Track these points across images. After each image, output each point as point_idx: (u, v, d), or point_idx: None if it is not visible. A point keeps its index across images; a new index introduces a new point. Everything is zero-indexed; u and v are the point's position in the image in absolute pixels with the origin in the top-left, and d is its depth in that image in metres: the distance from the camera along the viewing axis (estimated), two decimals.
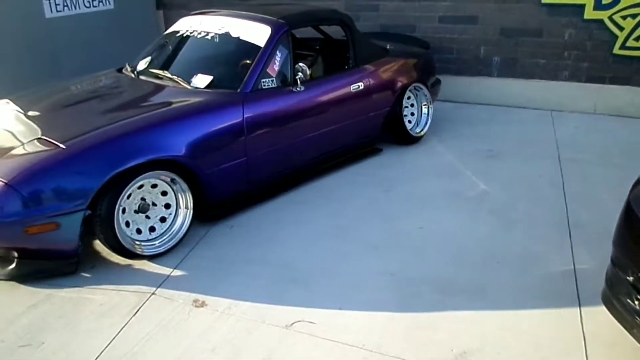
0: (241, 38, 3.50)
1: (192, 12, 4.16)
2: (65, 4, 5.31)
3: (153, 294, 2.60)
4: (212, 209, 3.20)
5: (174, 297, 2.57)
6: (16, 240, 2.56)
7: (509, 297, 2.56)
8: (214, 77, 3.31)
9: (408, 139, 4.39)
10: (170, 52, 3.77)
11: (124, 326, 2.38)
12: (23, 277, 2.70)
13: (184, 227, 2.97)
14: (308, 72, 3.40)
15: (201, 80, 3.31)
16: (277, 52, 3.43)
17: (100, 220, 2.65)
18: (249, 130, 3.18)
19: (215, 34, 3.61)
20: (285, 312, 2.44)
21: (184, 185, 2.93)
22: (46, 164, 2.57)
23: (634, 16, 4.77)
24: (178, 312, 2.47)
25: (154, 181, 2.86)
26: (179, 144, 2.86)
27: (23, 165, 2.58)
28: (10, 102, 3.40)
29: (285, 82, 3.47)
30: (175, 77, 3.39)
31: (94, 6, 5.64)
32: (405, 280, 2.68)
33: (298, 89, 3.44)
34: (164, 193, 2.94)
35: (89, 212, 2.62)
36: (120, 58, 5.80)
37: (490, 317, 2.43)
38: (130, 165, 2.67)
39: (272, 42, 3.41)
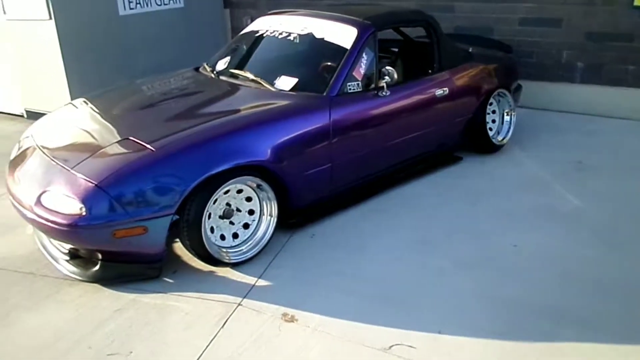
0: (326, 39, 3.37)
1: (269, 12, 4.06)
2: (137, 1, 5.33)
3: (239, 304, 2.49)
4: (293, 216, 3.08)
5: (261, 309, 2.46)
6: (103, 243, 2.51)
7: (623, 330, 2.31)
8: (298, 79, 3.19)
9: (489, 148, 4.15)
10: (250, 52, 3.68)
11: (213, 339, 2.28)
12: (106, 280, 2.65)
13: (267, 234, 2.86)
14: (395, 76, 3.22)
15: (286, 83, 3.20)
16: (363, 55, 3.28)
17: (187, 226, 2.57)
18: (335, 135, 3.04)
19: (298, 34, 3.49)
20: (381, 332, 2.29)
21: (270, 192, 2.82)
22: (136, 166, 2.50)
23: None
24: (268, 326, 2.35)
25: (239, 186, 2.75)
26: (267, 148, 2.75)
27: (112, 166, 2.52)
28: (89, 101, 3.38)
29: (369, 85, 3.31)
30: (258, 79, 3.28)
31: (164, 4, 5.64)
32: (507, 304, 2.47)
33: (384, 93, 3.28)
34: (248, 199, 2.84)
35: (176, 216, 2.54)
36: (190, 56, 5.85)
37: (605, 351, 2.20)
38: (220, 169, 2.57)
39: (358, 44, 3.26)
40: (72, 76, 4.83)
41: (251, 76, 3.32)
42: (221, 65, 3.64)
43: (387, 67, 3.25)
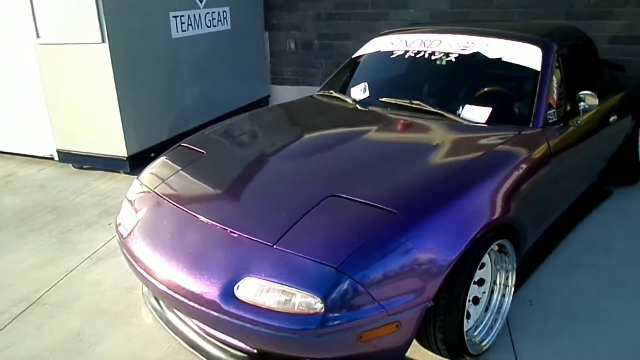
0: (505, 60, 2.78)
1: (386, 32, 3.42)
2: (189, 23, 4.59)
3: None
4: None
5: None
6: (341, 350, 1.78)
7: None
8: (492, 109, 2.59)
9: (633, 178, 3.71)
10: (398, 77, 3.05)
11: None
12: None
13: (505, 303, 2.22)
14: (596, 102, 2.68)
15: (478, 114, 2.59)
16: (553, 78, 2.73)
17: (444, 313, 1.88)
18: (552, 173, 2.47)
19: (459, 54, 2.89)
20: None
21: (512, 256, 2.18)
22: (381, 236, 1.80)
23: None
24: None
25: None
26: (510, 200, 2.12)
27: (346, 239, 1.80)
28: (211, 144, 2.67)
29: (560, 113, 2.76)
30: (437, 109, 2.65)
31: (214, 26, 4.92)
32: None
33: (580, 122, 2.73)
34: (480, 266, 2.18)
35: (431, 303, 1.85)
36: (237, 78, 5.22)
37: None
38: (476, 232, 1.91)
39: (548, 65, 2.71)
40: (125, 108, 4.00)
41: (427, 107, 2.68)
42: (358, 93, 2.99)
43: (584, 92, 2.70)
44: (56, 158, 4.39)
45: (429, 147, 2.33)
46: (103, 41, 3.80)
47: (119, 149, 4.10)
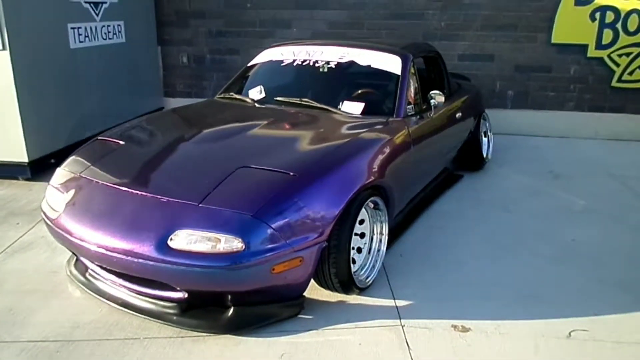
0: (373, 66, 3.48)
1: (275, 44, 4.01)
2: (86, 34, 4.80)
3: (403, 326, 2.43)
4: None
5: (427, 325, 2.43)
6: (258, 281, 2.25)
7: None
8: (365, 104, 3.24)
9: (478, 164, 4.61)
10: (289, 80, 3.62)
11: None
12: (241, 327, 2.36)
13: (382, 249, 2.83)
14: (442, 99, 3.45)
15: (354, 107, 3.23)
16: (410, 81, 3.47)
17: (336, 252, 2.43)
18: (414, 155, 3.16)
19: (338, 62, 3.54)
20: (552, 324, 2.44)
21: (385, 211, 2.80)
22: (287, 192, 2.32)
23: (628, 54, 5.59)
24: (451, 339, 2.33)
25: None
26: (382, 167, 2.76)
27: (259, 195, 2.29)
28: (127, 138, 2.99)
29: (417, 109, 3.49)
30: (323, 105, 3.25)
31: (109, 38, 5.16)
32: (614, 283, 2.83)
33: (432, 115, 3.49)
34: (360, 222, 2.78)
35: (325, 243, 2.39)
36: (132, 90, 5.61)
37: None
38: (356, 189, 2.50)
39: (406, 71, 3.44)
40: (26, 113, 4.10)
41: (314, 103, 3.27)
42: (255, 94, 3.51)
43: (434, 92, 3.46)
44: None
45: (317, 131, 2.92)
46: (4, 48, 3.92)
47: (19, 155, 4.18)
